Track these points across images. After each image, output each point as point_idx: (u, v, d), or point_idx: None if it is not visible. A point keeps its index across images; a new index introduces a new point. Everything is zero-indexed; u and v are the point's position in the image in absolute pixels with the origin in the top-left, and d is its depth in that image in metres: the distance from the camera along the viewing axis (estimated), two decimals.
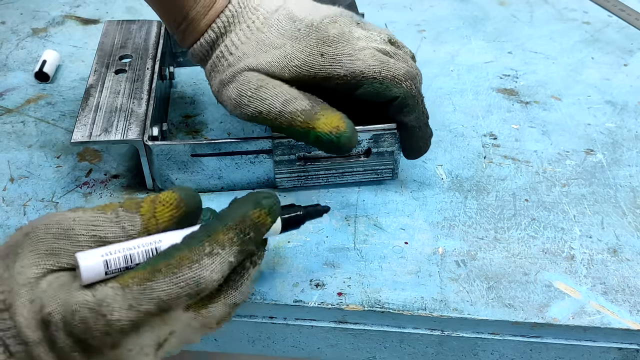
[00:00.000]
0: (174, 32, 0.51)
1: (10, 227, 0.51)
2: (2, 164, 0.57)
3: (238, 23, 0.49)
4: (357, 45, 0.48)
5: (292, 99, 0.46)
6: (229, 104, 0.49)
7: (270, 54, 0.48)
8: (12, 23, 0.77)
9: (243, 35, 0.49)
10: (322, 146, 0.46)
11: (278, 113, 0.46)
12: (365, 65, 0.47)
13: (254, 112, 0.47)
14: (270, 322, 0.46)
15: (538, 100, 0.65)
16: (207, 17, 0.49)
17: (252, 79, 0.47)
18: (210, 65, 0.50)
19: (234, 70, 0.48)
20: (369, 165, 0.53)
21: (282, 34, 0.48)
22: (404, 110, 0.49)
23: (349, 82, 0.47)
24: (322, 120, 0.45)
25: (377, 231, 0.51)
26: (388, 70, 0.47)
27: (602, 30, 0.78)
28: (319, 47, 0.47)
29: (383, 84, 0.47)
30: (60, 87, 0.66)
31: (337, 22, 0.48)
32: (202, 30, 0.49)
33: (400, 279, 0.47)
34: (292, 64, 0.47)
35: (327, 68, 0.47)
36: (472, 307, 0.45)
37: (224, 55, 0.49)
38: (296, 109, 0.46)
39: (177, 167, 0.52)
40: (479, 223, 0.51)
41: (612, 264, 0.48)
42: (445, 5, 0.82)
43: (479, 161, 0.58)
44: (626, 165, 0.57)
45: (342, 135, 0.45)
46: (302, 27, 0.48)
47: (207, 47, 0.50)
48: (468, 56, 0.72)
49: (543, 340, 0.45)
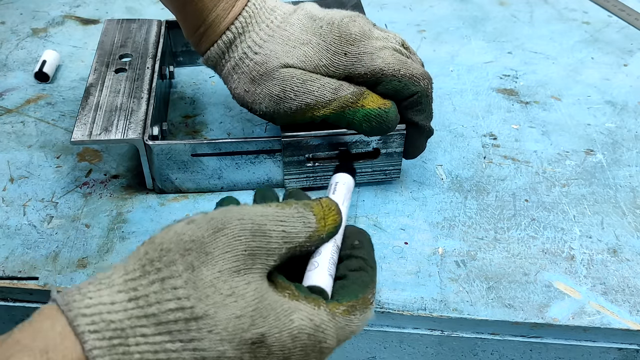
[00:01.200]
0: (191, 36, 0.51)
1: (10, 227, 0.51)
2: (2, 164, 0.57)
3: (256, 23, 0.50)
4: (377, 44, 0.49)
5: (340, 86, 0.48)
6: (267, 101, 0.49)
7: (299, 50, 0.49)
8: (12, 23, 0.77)
9: (264, 34, 0.49)
10: (370, 122, 0.48)
11: (328, 101, 0.48)
12: (385, 63, 0.48)
13: (300, 104, 0.48)
14: None
15: (538, 100, 0.65)
16: (226, 19, 0.49)
17: (295, 74, 0.48)
18: (232, 67, 0.50)
19: (267, 67, 0.49)
20: (377, 166, 0.53)
21: (306, 30, 0.50)
22: (416, 109, 0.50)
23: (369, 80, 0.49)
24: (369, 98, 0.48)
25: (377, 231, 0.51)
26: (407, 69, 0.49)
27: (602, 30, 0.78)
28: (342, 46, 0.49)
29: (402, 82, 0.49)
30: (60, 87, 0.66)
31: (357, 21, 0.50)
32: (220, 32, 0.50)
33: (400, 279, 0.47)
34: (321, 63, 0.49)
35: (350, 67, 0.49)
36: (472, 308, 0.45)
37: (248, 55, 0.49)
38: (346, 93, 0.48)
39: (177, 166, 0.52)
40: (479, 223, 0.51)
41: (612, 264, 0.48)
42: (445, 5, 0.82)
43: (478, 161, 0.58)
44: (626, 166, 0.57)
45: (390, 110, 0.48)
46: (324, 24, 0.50)
47: (224, 48, 0.50)
48: (468, 56, 0.72)
49: (543, 340, 0.45)
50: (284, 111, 0.49)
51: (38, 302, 0.48)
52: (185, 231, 0.32)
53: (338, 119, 0.49)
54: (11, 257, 0.48)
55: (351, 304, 0.35)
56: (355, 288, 0.36)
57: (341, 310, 0.34)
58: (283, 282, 0.34)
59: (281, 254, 0.34)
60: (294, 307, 0.33)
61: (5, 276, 0.47)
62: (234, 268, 0.32)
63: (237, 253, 0.32)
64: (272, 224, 0.34)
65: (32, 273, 0.47)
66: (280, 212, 0.35)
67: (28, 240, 0.50)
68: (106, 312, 0.30)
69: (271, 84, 0.49)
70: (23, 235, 0.50)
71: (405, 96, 0.49)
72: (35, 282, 0.47)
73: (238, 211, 0.34)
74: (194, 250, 0.31)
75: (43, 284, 0.47)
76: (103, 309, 0.30)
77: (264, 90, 0.49)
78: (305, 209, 0.36)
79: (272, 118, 0.50)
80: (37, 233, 0.50)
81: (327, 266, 0.36)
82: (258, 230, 0.33)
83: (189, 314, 0.30)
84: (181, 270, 0.31)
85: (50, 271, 0.47)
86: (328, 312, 0.33)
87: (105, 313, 0.30)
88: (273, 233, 0.34)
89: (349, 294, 0.35)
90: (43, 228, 0.51)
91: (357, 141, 0.51)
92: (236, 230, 0.32)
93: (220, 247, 0.32)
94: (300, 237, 0.35)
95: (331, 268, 0.37)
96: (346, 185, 0.44)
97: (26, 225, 0.51)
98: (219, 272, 0.31)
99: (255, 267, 0.33)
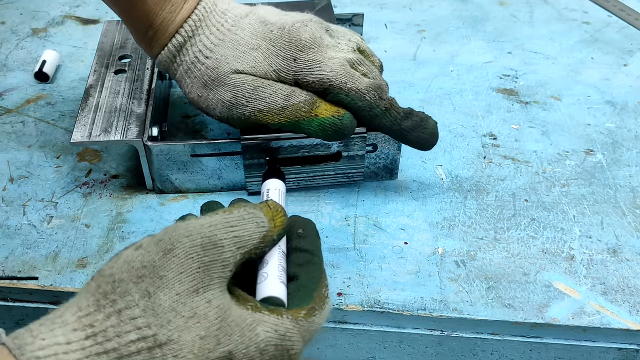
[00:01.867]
0: (141, 40, 0.51)
1: (10, 227, 0.51)
2: (2, 164, 0.57)
3: (206, 27, 0.49)
4: (327, 53, 0.49)
5: (292, 92, 0.48)
6: (220, 107, 0.49)
7: (249, 55, 0.48)
8: (12, 23, 0.77)
9: (215, 37, 0.49)
10: (325, 132, 0.47)
11: (281, 108, 0.47)
12: (333, 73, 0.48)
13: (252, 111, 0.48)
14: None
15: (538, 100, 0.65)
16: (174, 22, 0.49)
17: (246, 80, 0.48)
18: (184, 71, 0.50)
19: (218, 73, 0.48)
20: (340, 169, 0.53)
21: (256, 35, 0.49)
22: (374, 117, 0.49)
23: (318, 89, 0.48)
24: (322, 107, 0.48)
25: (377, 231, 0.51)
26: (353, 83, 0.48)
27: (602, 30, 0.78)
28: (292, 52, 0.48)
29: (349, 96, 0.48)
30: (60, 87, 0.66)
31: (308, 27, 0.49)
32: (170, 35, 0.49)
33: (400, 279, 0.47)
34: (271, 69, 0.48)
35: (299, 73, 0.48)
36: (471, 308, 0.45)
37: (200, 60, 0.49)
38: (299, 100, 0.47)
39: (176, 167, 0.52)
40: (479, 223, 0.51)
41: (612, 264, 0.48)
42: (445, 5, 0.82)
43: (478, 161, 0.58)
44: (626, 166, 0.57)
45: (344, 117, 0.48)
46: (275, 29, 0.49)
47: (175, 51, 0.50)
48: (468, 56, 0.72)
49: (543, 340, 0.45)
50: (237, 117, 0.48)
51: (37, 302, 0.48)
52: (135, 257, 0.31)
53: (293, 128, 0.48)
54: (11, 257, 0.48)
55: (310, 307, 0.35)
56: (309, 287, 0.36)
57: (303, 314, 0.34)
58: (244, 295, 0.34)
59: (236, 261, 0.34)
60: (258, 320, 0.32)
61: (5, 276, 0.47)
62: (191, 288, 0.31)
63: (192, 272, 0.31)
64: (222, 232, 0.33)
65: (32, 273, 0.47)
66: (229, 217, 0.34)
67: (28, 240, 0.50)
68: (62, 353, 0.28)
69: (222, 89, 0.48)
70: (23, 235, 0.50)
71: (355, 109, 0.48)
72: (35, 282, 0.47)
73: (185, 228, 0.33)
74: (147, 276, 0.30)
75: (42, 284, 0.47)
76: (59, 350, 0.28)
77: (216, 96, 0.49)
78: (255, 209, 0.36)
79: (228, 122, 0.50)
80: (36, 233, 0.50)
81: (276, 274, 0.36)
82: (209, 242, 0.32)
83: (151, 342, 0.29)
84: (137, 299, 0.30)
85: (50, 271, 0.47)
86: (291, 319, 0.33)
87: (61, 354, 0.28)
88: (225, 241, 0.33)
89: (306, 295, 0.35)
90: (43, 228, 0.51)
91: (318, 144, 0.51)
92: (186, 248, 0.32)
93: (173, 269, 0.31)
94: (254, 238, 0.35)
95: (281, 275, 0.36)
96: (278, 190, 0.44)
97: (26, 225, 0.51)
98: (177, 294, 0.30)
99: (213, 283, 0.32)
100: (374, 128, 0.50)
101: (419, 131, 0.49)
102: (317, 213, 0.52)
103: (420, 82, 0.68)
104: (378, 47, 0.73)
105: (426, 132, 0.49)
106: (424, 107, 0.64)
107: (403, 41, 0.75)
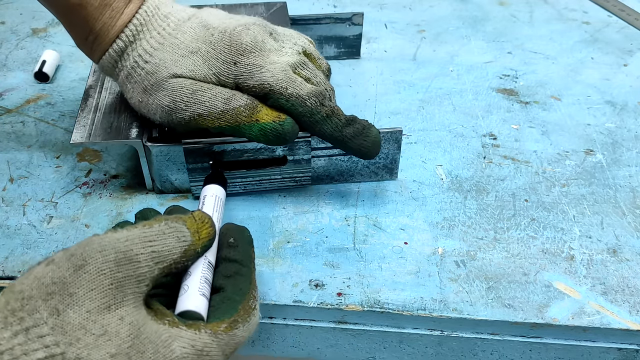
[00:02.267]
0: (82, 45, 0.50)
1: (10, 227, 0.51)
2: (2, 164, 0.57)
3: (148, 31, 0.49)
4: (269, 57, 0.48)
5: (232, 96, 0.47)
6: (160, 112, 0.48)
7: (188, 59, 0.48)
8: (12, 23, 0.77)
9: (155, 42, 0.49)
10: (266, 137, 0.47)
11: (220, 112, 0.47)
12: (273, 78, 0.47)
13: (192, 115, 0.47)
14: (270, 322, 0.46)
15: (538, 100, 0.65)
16: (115, 27, 0.48)
17: (184, 84, 0.48)
18: (125, 76, 0.50)
19: (157, 78, 0.48)
20: (287, 173, 0.52)
21: (197, 39, 0.49)
22: (314, 123, 0.48)
23: (258, 93, 0.48)
24: (263, 111, 0.47)
25: (377, 231, 0.51)
26: (294, 89, 0.47)
27: (602, 30, 0.78)
28: (232, 56, 0.48)
29: (289, 102, 0.47)
30: (60, 87, 0.66)
31: (250, 30, 0.49)
32: (110, 40, 0.49)
33: (400, 279, 0.47)
34: (210, 72, 0.48)
35: (239, 77, 0.48)
36: (471, 308, 0.45)
37: (139, 64, 0.49)
38: (239, 104, 0.47)
39: (176, 167, 0.52)
40: (479, 223, 0.51)
41: (612, 264, 0.48)
42: (445, 5, 0.82)
43: (478, 161, 0.58)
44: (626, 166, 0.57)
45: (285, 122, 0.47)
46: (216, 33, 0.49)
47: (116, 56, 0.49)
48: (468, 56, 0.72)
49: (543, 340, 0.45)
50: (178, 122, 0.48)
51: None
52: (46, 274, 0.30)
53: (234, 132, 0.48)
54: (11, 257, 0.48)
55: (232, 320, 0.34)
56: (234, 299, 0.36)
57: (223, 328, 0.34)
58: (162, 310, 0.33)
59: (153, 276, 0.33)
60: (175, 335, 0.32)
61: (5, 276, 0.47)
62: (102, 305, 0.30)
63: (104, 288, 0.30)
64: (139, 247, 0.32)
65: None
66: (147, 231, 0.34)
67: (28, 240, 0.50)
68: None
69: (161, 94, 0.48)
70: (23, 235, 0.50)
71: (295, 114, 0.48)
72: None
73: (99, 242, 0.32)
74: (56, 293, 0.30)
75: None
76: None
77: (155, 101, 0.48)
78: (178, 222, 0.35)
79: (170, 127, 0.49)
80: (36, 233, 0.50)
81: (197, 287, 0.36)
82: (123, 258, 0.32)
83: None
84: (46, 317, 0.29)
85: None
86: (210, 334, 0.33)
87: None
88: (141, 257, 0.32)
89: (229, 309, 0.35)
90: (43, 228, 0.51)
91: (261, 148, 0.50)
92: (98, 264, 0.31)
93: (84, 286, 0.30)
94: (174, 253, 0.34)
95: (203, 287, 0.36)
96: (215, 197, 0.44)
97: (26, 225, 0.51)
98: (87, 312, 0.30)
99: (126, 300, 0.31)
100: (315, 134, 0.49)
101: (361, 139, 0.48)
102: (317, 213, 0.52)
103: (420, 82, 0.68)
104: (378, 47, 0.73)
105: (368, 140, 0.48)
106: (424, 107, 0.64)
107: (403, 41, 0.75)
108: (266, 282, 0.46)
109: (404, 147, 0.58)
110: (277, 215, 0.52)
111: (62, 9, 0.48)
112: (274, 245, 0.49)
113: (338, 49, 0.70)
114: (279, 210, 0.52)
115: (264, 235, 0.50)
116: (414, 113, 0.63)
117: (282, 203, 0.53)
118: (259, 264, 0.47)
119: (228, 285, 0.37)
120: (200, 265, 0.37)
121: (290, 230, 0.51)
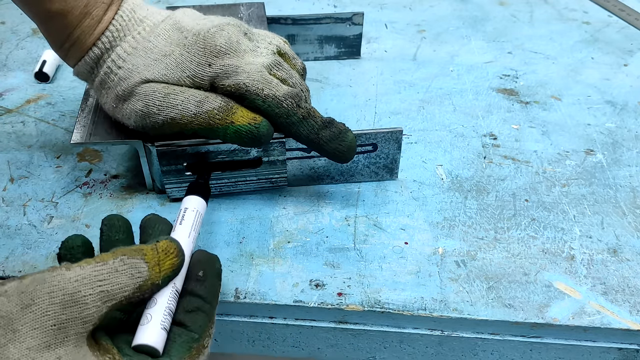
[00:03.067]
0: (57, 50, 0.50)
1: (10, 227, 0.51)
2: (2, 164, 0.57)
3: (124, 36, 0.48)
4: (244, 58, 0.48)
5: (205, 98, 0.47)
6: (134, 117, 0.48)
7: (161, 63, 0.48)
8: (12, 23, 0.77)
9: (129, 46, 0.48)
10: (241, 139, 0.47)
11: (193, 115, 0.47)
12: (249, 79, 0.47)
13: (165, 119, 0.47)
14: (270, 322, 0.46)
15: (538, 100, 0.65)
16: (92, 35, 0.48)
17: (156, 88, 0.47)
18: (99, 83, 0.50)
19: (130, 83, 0.48)
20: (262, 174, 0.52)
21: (170, 42, 0.49)
22: (292, 128, 0.48)
23: (234, 94, 0.47)
24: (238, 113, 0.47)
25: (377, 231, 0.51)
26: (270, 89, 0.47)
27: (602, 30, 0.78)
28: (207, 57, 0.48)
29: (265, 103, 0.47)
30: (60, 87, 0.66)
31: (225, 31, 0.48)
32: (87, 48, 0.48)
33: (400, 279, 0.47)
34: (184, 75, 0.48)
35: (215, 78, 0.48)
36: (472, 308, 0.45)
37: (113, 70, 0.48)
38: (212, 107, 0.47)
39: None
40: (479, 223, 0.51)
41: (612, 264, 0.48)
42: (445, 5, 0.82)
43: (478, 161, 0.58)
44: (626, 165, 0.57)
45: (261, 125, 0.46)
46: (190, 35, 0.48)
47: (92, 63, 0.49)
48: (468, 56, 0.72)
49: (543, 340, 0.45)
50: (152, 126, 0.48)
51: None
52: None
53: (208, 134, 0.48)
54: (11, 257, 0.48)
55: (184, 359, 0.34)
56: (191, 337, 0.36)
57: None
58: (106, 345, 0.33)
59: (102, 315, 0.33)
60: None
61: (5, 276, 0.47)
62: (42, 344, 0.31)
63: (46, 329, 0.31)
64: (87, 287, 0.33)
65: None
66: (99, 269, 0.34)
67: (28, 240, 0.50)
68: None
69: (134, 99, 0.48)
70: (23, 235, 0.50)
71: (272, 116, 0.47)
72: None
73: (50, 282, 0.32)
74: (2, 327, 0.30)
75: None
76: None
77: (129, 106, 0.48)
78: (135, 256, 0.35)
79: (144, 132, 0.49)
80: (37, 233, 0.50)
81: (160, 320, 0.35)
82: (70, 300, 0.32)
83: None
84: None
85: None
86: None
87: None
88: (89, 298, 0.32)
89: (183, 347, 0.35)
90: (43, 228, 0.51)
91: (236, 150, 0.50)
92: (44, 305, 0.31)
93: (28, 324, 0.31)
94: (126, 291, 0.34)
95: (165, 320, 0.36)
96: (196, 212, 0.44)
97: (26, 225, 0.51)
98: (27, 349, 0.30)
99: (67, 340, 0.32)
100: (291, 136, 0.49)
101: (337, 143, 0.48)
102: (317, 213, 0.52)
103: (420, 82, 0.68)
104: (378, 47, 0.74)
105: (344, 144, 0.48)
106: (424, 107, 0.64)
107: (403, 41, 0.75)
108: (266, 282, 0.46)
109: (404, 147, 0.58)
110: (278, 215, 0.52)
111: (42, 16, 0.48)
112: (274, 245, 0.49)
113: (338, 49, 0.71)
114: (280, 210, 0.52)
115: (265, 235, 0.50)
116: (414, 113, 0.63)
117: (283, 203, 0.53)
118: (260, 264, 0.48)
119: (188, 320, 0.37)
120: (166, 294, 0.37)
121: (291, 230, 0.51)
